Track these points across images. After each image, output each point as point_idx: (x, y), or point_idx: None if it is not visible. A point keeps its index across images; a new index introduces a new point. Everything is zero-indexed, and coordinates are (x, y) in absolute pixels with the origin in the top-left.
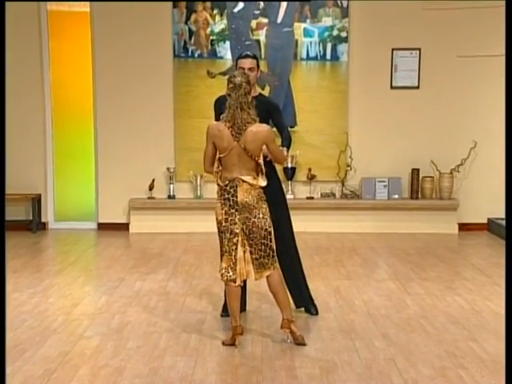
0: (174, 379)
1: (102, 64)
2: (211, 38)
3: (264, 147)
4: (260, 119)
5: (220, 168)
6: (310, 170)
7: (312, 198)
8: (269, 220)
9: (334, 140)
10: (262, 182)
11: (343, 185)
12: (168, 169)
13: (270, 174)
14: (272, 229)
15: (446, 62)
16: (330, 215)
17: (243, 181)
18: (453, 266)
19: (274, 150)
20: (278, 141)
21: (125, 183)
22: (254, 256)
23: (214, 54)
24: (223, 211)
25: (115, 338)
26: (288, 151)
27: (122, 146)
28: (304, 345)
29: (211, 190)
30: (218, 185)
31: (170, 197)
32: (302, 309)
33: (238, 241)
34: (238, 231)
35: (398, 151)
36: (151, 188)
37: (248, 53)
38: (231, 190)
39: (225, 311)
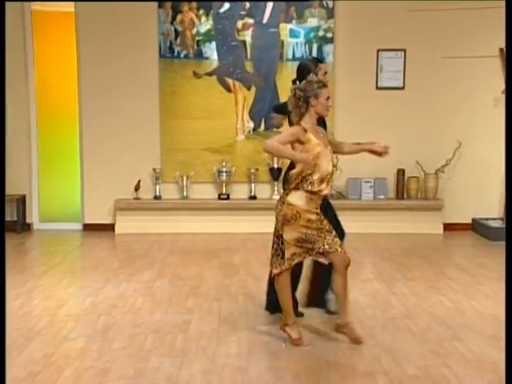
0: (160, 380)
1: (87, 64)
2: (197, 38)
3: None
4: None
5: None
6: None
7: None
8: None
9: None
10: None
11: None
12: (154, 169)
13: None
14: (280, 232)
15: (430, 62)
16: None
17: None
18: (437, 265)
19: None
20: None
21: (110, 184)
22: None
23: (199, 55)
24: None
25: (100, 340)
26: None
27: (107, 146)
28: (361, 343)
29: (197, 191)
30: None
31: (156, 197)
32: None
33: None
34: None
35: None
36: (137, 189)
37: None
38: None
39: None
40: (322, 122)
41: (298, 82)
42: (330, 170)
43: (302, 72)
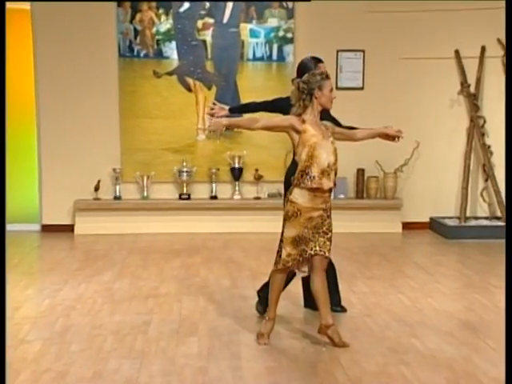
0: (119, 382)
1: (45, 63)
2: (157, 37)
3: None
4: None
5: None
6: (257, 170)
7: (259, 198)
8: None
9: (280, 140)
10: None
11: None
12: (114, 169)
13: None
14: (283, 228)
15: (389, 63)
16: (278, 215)
17: None
18: (396, 264)
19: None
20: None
21: (69, 184)
22: None
23: (159, 54)
24: None
25: (58, 342)
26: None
27: (66, 146)
28: (346, 346)
29: (158, 191)
30: None
31: (116, 198)
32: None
33: None
34: None
35: (344, 151)
36: (97, 189)
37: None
38: None
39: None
40: (328, 116)
41: None
42: (331, 161)
43: (303, 71)
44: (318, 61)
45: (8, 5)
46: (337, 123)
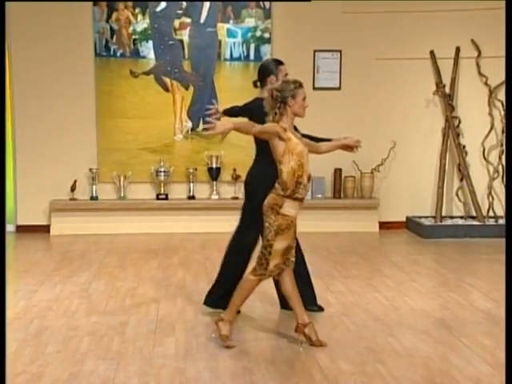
0: (95, 383)
1: (20, 62)
2: (133, 37)
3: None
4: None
5: None
6: (234, 170)
7: (237, 198)
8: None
9: None
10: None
11: None
12: (90, 169)
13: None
14: (271, 242)
15: (365, 63)
16: None
17: None
18: (373, 263)
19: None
20: None
21: (45, 184)
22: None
23: (136, 54)
24: None
25: (33, 344)
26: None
27: (42, 146)
28: (323, 346)
29: (135, 191)
30: None
31: (92, 198)
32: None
33: None
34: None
35: None
36: (73, 189)
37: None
38: None
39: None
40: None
41: (259, 83)
42: (309, 167)
43: (263, 73)
44: (278, 63)
45: None
46: (296, 130)
